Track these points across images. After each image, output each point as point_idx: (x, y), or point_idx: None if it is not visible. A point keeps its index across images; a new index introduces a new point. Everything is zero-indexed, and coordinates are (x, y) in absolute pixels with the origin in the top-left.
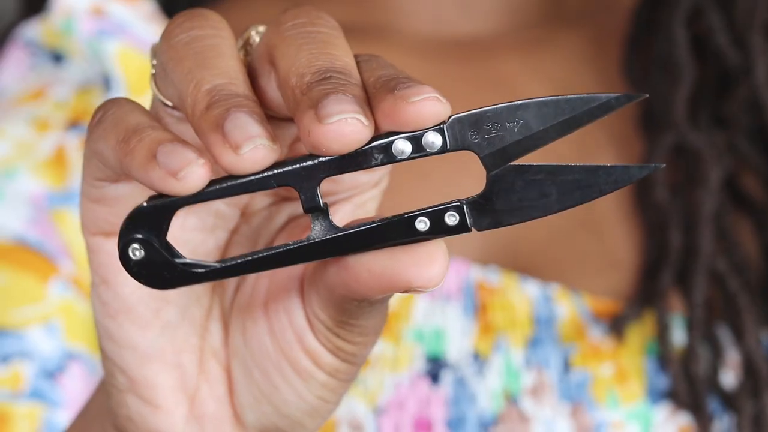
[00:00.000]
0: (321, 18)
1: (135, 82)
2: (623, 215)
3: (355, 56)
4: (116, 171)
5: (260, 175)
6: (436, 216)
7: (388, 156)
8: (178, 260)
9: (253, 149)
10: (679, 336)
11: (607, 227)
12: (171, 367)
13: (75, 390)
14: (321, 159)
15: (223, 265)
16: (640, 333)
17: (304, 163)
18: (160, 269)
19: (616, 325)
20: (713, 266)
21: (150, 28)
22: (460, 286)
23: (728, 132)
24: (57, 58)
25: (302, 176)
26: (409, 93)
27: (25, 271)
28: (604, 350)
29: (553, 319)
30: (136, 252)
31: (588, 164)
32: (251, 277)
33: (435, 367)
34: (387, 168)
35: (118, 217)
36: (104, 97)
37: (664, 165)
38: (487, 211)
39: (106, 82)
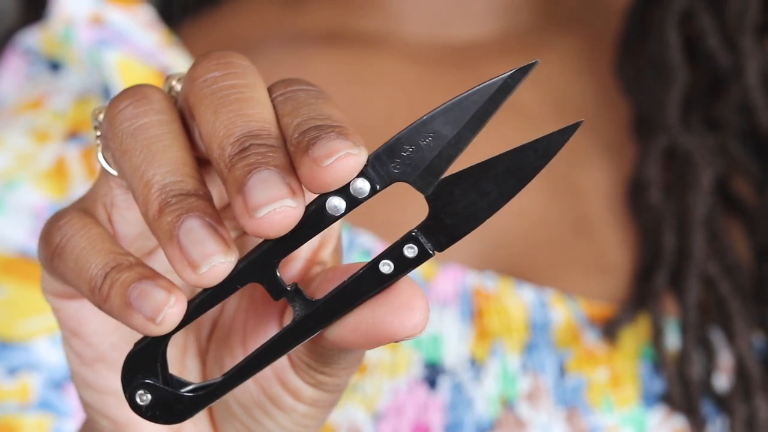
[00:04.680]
0: (232, 65)
1: None
2: (616, 219)
3: (271, 92)
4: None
5: (223, 283)
6: (395, 254)
7: (326, 217)
8: (184, 390)
9: (211, 268)
10: (672, 340)
11: (601, 231)
12: None
13: None
14: (268, 246)
15: (226, 377)
16: (634, 337)
17: (255, 257)
18: (171, 404)
19: (609, 329)
20: (705, 269)
21: (149, 36)
22: (457, 292)
23: (720, 134)
24: (54, 66)
25: (259, 269)
26: (321, 154)
27: (29, 283)
28: (599, 355)
29: (548, 325)
30: (143, 397)
31: (513, 148)
32: (228, 313)
33: (432, 373)
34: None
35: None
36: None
37: (583, 120)
38: (439, 230)
39: (105, 91)
